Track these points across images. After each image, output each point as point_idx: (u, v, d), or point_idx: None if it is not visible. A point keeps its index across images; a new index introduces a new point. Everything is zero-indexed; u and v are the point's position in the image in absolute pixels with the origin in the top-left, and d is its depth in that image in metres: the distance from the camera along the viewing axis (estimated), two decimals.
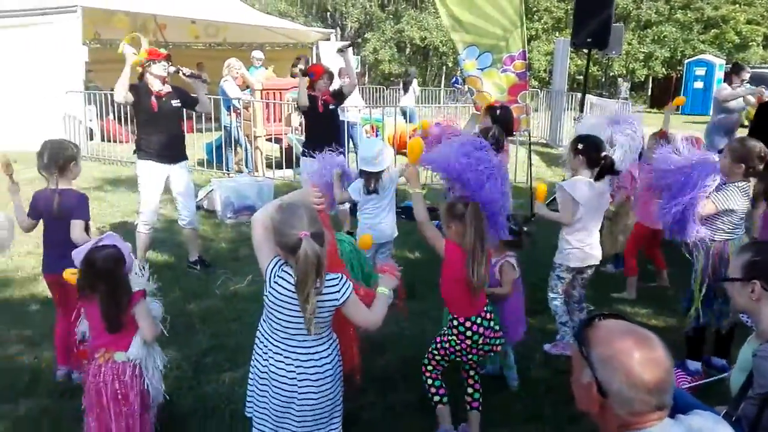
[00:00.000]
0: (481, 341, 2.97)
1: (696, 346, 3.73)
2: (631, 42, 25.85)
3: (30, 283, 4.90)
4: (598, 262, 4.00)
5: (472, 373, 3.10)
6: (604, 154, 3.83)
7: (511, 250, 3.54)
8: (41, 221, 3.49)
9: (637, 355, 1.29)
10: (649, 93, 27.64)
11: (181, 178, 5.16)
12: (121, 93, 4.81)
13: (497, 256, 3.45)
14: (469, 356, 3.02)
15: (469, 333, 2.95)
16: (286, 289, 2.25)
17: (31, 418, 3.19)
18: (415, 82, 14.34)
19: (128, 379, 2.67)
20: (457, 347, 2.98)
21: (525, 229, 3.61)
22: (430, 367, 3.07)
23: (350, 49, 5.80)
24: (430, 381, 3.07)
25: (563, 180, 5.05)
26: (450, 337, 2.99)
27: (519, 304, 3.62)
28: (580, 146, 3.80)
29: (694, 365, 3.69)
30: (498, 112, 4.99)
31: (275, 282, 2.27)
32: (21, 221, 3.48)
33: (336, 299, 2.29)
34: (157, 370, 2.79)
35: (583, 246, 3.85)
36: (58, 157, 3.40)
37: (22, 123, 11.03)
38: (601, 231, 4.06)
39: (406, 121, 11.69)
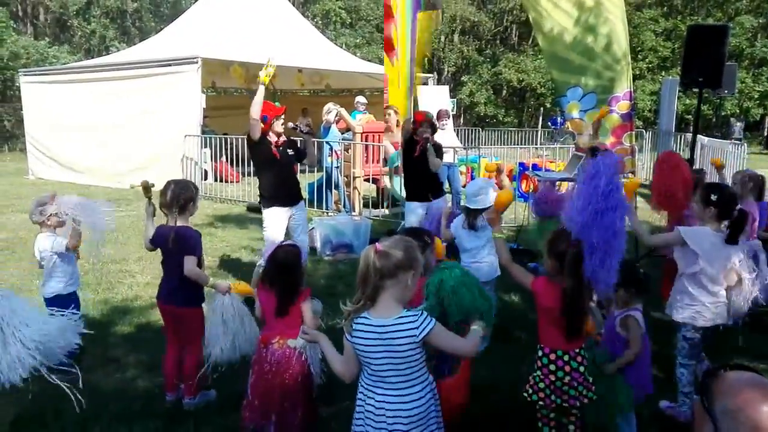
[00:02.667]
0: (566, 380, 2.79)
1: None
2: (744, 81, 24.38)
3: (147, 311, 5.26)
4: (723, 322, 3.54)
5: (571, 428, 2.92)
6: (739, 207, 3.44)
7: (637, 302, 3.19)
8: (159, 252, 3.71)
9: (765, 409, 1.20)
10: (765, 133, 25.82)
11: (299, 218, 5.51)
12: (256, 109, 5.03)
13: (622, 308, 3.19)
14: (552, 397, 2.82)
15: (552, 367, 2.79)
16: (365, 333, 2.25)
17: None
18: None
19: (298, 361, 3.02)
20: (541, 384, 2.83)
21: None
22: (538, 408, 2.94)
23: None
24: (540, 424, 2.95)
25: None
26: (535, 373, 2.86)
27: (644, 365, 3.18)
28: (713, 197, 3.42)
29: None
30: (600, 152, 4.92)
31: (355, 329, 2.28)
32: (145, 241, 3.73)
33: (414, 335, 2.20)
34: (317, 357, 3.06)
35: (706, 301, 3.44)
36: (180, 197, 3.58)
37: (146, 163, 12.09)
38: None
39: None
